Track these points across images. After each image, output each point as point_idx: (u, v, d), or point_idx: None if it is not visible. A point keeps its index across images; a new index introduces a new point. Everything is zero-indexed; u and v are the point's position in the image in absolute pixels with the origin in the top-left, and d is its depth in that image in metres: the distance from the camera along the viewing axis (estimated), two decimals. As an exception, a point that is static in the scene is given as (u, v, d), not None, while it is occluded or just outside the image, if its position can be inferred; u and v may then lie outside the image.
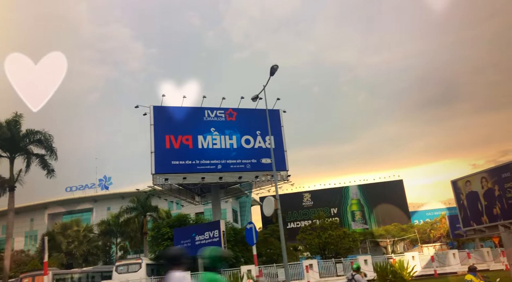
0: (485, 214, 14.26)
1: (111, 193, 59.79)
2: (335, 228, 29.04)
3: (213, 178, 29.22)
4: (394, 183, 65.19)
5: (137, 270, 23.67)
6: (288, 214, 65.51)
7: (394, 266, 14.36)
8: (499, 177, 13.63)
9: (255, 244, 14.58)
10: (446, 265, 23.61)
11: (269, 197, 16.24)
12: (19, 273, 25.53)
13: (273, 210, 15.83)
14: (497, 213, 13.76)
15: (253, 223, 15.16)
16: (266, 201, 16.52)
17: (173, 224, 26.69)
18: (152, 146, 28.36)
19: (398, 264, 14.26)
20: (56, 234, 30.78)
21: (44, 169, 25.76)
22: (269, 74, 17.01)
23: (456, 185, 15.51)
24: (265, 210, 16.48)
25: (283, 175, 31.42)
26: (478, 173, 14.57)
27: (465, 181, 15.12)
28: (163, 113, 29.74)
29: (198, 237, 23.25)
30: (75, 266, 29.33)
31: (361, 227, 63.49)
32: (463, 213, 15.32)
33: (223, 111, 31.35)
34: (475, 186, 14.68)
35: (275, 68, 16.63)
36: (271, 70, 16.73)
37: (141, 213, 37.17)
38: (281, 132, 32.45)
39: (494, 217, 13.92)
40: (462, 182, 15.28)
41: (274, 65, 16.57)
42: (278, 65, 16.57)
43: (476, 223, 14.75)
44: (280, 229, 15.74)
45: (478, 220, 14.63)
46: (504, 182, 13.45)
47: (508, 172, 13.34)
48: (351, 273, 11.45)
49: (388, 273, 14.31)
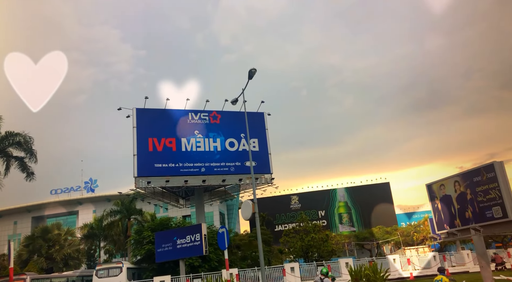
0: (458, 218, 14.44)
1: (97, 195, 59.23)
2: (318, 231, 29.11)
3: (196, 181, 29.10)
4: (381, 185, 65.64)
5: (117, 274, 23.39)
6: (276, 216, 65.58)
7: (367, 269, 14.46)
8: (471, 181, 13.82)
9: (226, 248, 14.50)
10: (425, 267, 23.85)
11: (247, 201, 16.21)
12: (-3, 278, 25.07)
13: (251, 213, 15.79)
14: (469, 217, 13.95)
15: (225, 227, 15.10)
16: (244, 205, 16.49)
17: (156, 228, 26.46)
18: (135, 148, 28.15)
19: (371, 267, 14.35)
20: (36, 238, 30.33)
21: (24, 172, 25.35)
22: (248, 78, 17.04)
23: (430, 189, 15.69)
24: (243, 214, 16.44)
25: (267, 178, 31.43)
26: (452, 177, 14.75)
27: (439, 185, 15.30)
28: (146, 115, 29.52)
29: (179, 240, 23.07)
30: (55, 271, 28.89)
31: (348, 229, 63.81)
32: (437, 216, 15.49)
33: (207, 113, 31.28)
34: (448, 189, 14.86)
35: (253, 71, 16.66)
36: (249, 73, 16.76)
37: (125, 216, 36.83)
38: (266, 134, 32.48)
39: (466, 221, 14.10)
40: (437, 186, 15.45)
41: (252, 68, 16.60)
42: (256, 69, 16.61)
43: (449, 227, 14.93)
44: (257, 232, 15.72)
45: (452, 223, 14.81)
46: (475, 186, 13.65)
47: (479, 176, 13.54)
48: (319, 277, 11.51)
49: (362, 276, 14.41)
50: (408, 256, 25.64)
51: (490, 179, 13.07)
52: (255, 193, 16.84)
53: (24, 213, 59.10)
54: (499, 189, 12.69)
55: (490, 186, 13.09)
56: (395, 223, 59.32)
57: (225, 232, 13.90)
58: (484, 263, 13.46)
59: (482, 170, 13.43)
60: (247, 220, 16.24)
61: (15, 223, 59.23)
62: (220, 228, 14.68)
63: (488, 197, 13.14)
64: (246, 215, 16.20)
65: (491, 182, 13.04)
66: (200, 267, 25.57)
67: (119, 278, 23.22)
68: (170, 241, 23.49)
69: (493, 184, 12.93)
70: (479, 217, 13.52)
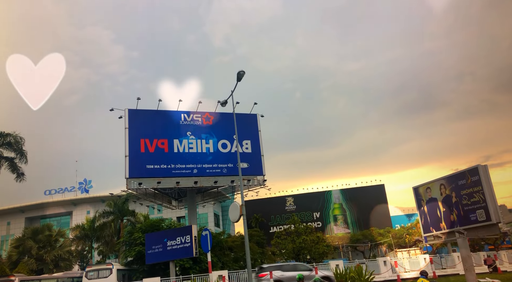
0: (443, 221, 14.49)
1: (91, 196, 59.04)
2: (309, 233, 29.11)
3: (188, 183, 29.06)
4: (375, 187, 65.76)
5: (107, 275, 23.25)
6: (271, 218, 65.62)
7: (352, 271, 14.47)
8: (456, 184, 13.88)
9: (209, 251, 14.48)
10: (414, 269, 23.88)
11: (234, 203, 16.23)
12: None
13: (238, 215, 15.81)
14: (454, 220, 14.00)
15: (209, 229, 15.10)
16: (232, 207, 16.50)
17: (147, 229, 26.36)
18: (127, 149, 28.09)
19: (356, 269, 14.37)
20: (27, 239, 30.16)
21: (14, 172, 25.24)
22: (236, 80, 17.05)
23: (417, 192, 15.74)
24: (231, 216, 16.45)
25: (260, 180, 31.42)
26: (438, 180, 14.81)
27: (426, 188, 15.36)
28: (138, 116, 29.46)
29: (169, 242, 22.92)
30: (45, 272, 28.73)
31: (343, 231, 63.91)
32: (424, 219, 15.54)
33: (200, 115, 31.25)
34: (434, 192, 14.92)
35: (242, 73, 16.69)
36: (237, 75, 16.78)
37: (118, 218, 36.72)
38: (258, 136, 32.48)
39: (451, 224, 14.15)
40: (423, 189, 15.51)
41: (240, 71, 16.63)
42: (244, 71, 16.64)
43: (435, 229, 14.98)
44: (244, 234, 15.72)
45: (437, 226, 14.86)
46: (460, 189, 13.71)
47: (464, 180, 13.59)
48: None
49: (347, 278, 14.43)
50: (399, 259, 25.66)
51: (475, 183, 13.14)
52: (242, 195, 16.84)
53: (18, 213, 58.83)
54: (483, 193, 12.75)
55: (474, 189, 13.16)
56: (389, 225, 59.43)
57: (208, 234, 13.88)
58: (469, 266, 13.50)
59: (466, 173, 13.49)
60: (234, 222, 16.24)
61: (8, 224, 58.94)
62: (203, 231, 14.67)
63: (472, 200, 13.20)
64: (234, 217, 16.23)
65: (475, 185, 13.11)
66: (191, 268, 25.47)
67: (109, 279, 23.09)
68: (160, 242, 23.37)
69: (477, 188, 12.99)
70: (463, 220, 13.58)
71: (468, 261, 13.49)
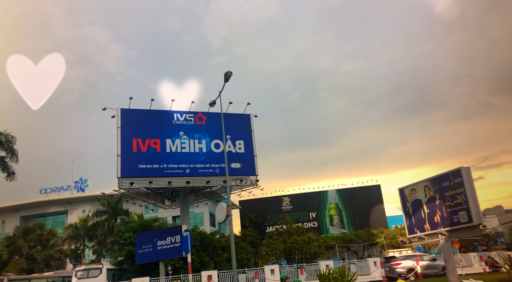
0: (427, 222, 14.53)
1: (86, 195, 59.02)
2: (300, 233, 29.12)
3: (180, 182, 29.03)
4: (372, 188, 65.81)
5: (97, 275, 23.29)
6: (267, 218, 65.63)
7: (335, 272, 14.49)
8: (440, 186, 13.92)
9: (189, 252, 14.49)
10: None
11: (221, 203, 16.23)
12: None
13: (225, 216, 15.82)
14: (437, 221, 14.04)
15: (189, 230, 15.10)
16: (218, 207, 16.50)
17: (138, 229, 26.39)
18: (119, 149, 28.07)
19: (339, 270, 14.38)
20: (17, 238, 30.13)
21: (4, 171, 25.22)
22: (224, 81, 17.06)
23: (402, 193, 15.77)
24: (217, 216, 16.46)
25: (252, 180, 31.39)
26: (422, 182, 14.84)
27: (411, 189, 15.39)
28: (131, 116, 29.44)
29: (159, 242, 23.01)
30: (36, 271, 28.74)
31: (339, 231, 63.95)
32: (409, 220, 15.57)
33: (193, 114, 31.23)
34: (419, 194, 14.95)
35: (229, 74, 16.69)
36: (225, 76, 16.79)
37: (112, 217, 36.74)
38: (252, 136, 32.46)
39: (435, 225, 14.19)
40: (408, 190, 15.54)
41: (227, 71, 16.64)
42: (231, 72, 16.65)
43: (419, 231, 15.01)
44: (230, 235, 15.73)
45: (422, 227, 14.90)
46: (444, 190, 13.75)
47: (447, 181, 13.63)
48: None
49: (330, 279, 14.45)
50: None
51: (457, 184, 13.18)
52: (229, 195, 16.85)
53: (13, 212, 58.81)
54: (465, 194, 12.79)
55: (457, 191, 13.20)
56: (385, 225, 59.48)
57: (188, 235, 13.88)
58: (451, 267, 13.53)
59: (450, 175, 13.53)
60: (221, 223, 16.25)
61: (3, 223, 58.90)
62: (184, 231, 14.67)
63: (455, 202, 13.24)
64: (220, 218, 16.24)
65: (458, 187, 13.15)
66: (182, 268, 25.51)
67: (98, 279, 23.13)
68: (150, 242, 23.44)
69: (460, 189, 13.04)
70: (446, 221, 13.62)
71: (450, 262, 13.52)
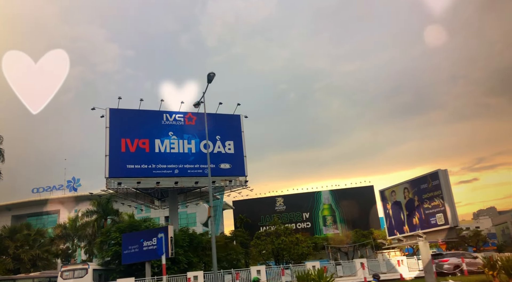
0: (407, 224, 14.59)
1: (79, 195, 58.71)
2: (288, 234, 29.17)
3: (169, 183, 29.03)
4: (365, 189, 65.96)
5: (83, 275, 23.19)
6: (260, 218, 65.62)
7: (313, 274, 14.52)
8: (419, 188, 13.99)
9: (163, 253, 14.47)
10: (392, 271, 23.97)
11: (203, 205, 16.24)
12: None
13: (206, 217, 15.83)
14: (416, 223, 14.11)
15: (164, 232, 15.08)
16: (200, 209, 16.52)
17: (125, 229, 26.31)
18: (107, 149, 28.05)
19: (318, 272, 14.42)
20: (4, 238, 30.01)
21: (-11, 171, 25.12)
22: (207, 82, 17.06)
23: (383, 195, 15.83)
24: (199, 218, 16.46)
25: (242, 181, 31.44)
26: (401, 184, 14.91)
27: (391, 191, 15.45)
28: (120, 115, 29.42)
29: (145, 242, 22.88)
30: (22, 272, 28.62)
31: (332, 232, 64.06)
32: (389, 222, 15.63)
33: (183, 115, 31.22)
34: (399, 196, 15.02)
35: (212, 75, 16.69)
36: (208, 77, 16.80)
37: (102, 217, 36.60)
38: (241, 137, 32.51)
39: (413, 227, 14.26)
40: (388, 192, 15.60)
41: (210, 72, 16.64)
42: (214, 73, 16.65)
43: (399, 232, 15.08)
44: (211, 236, 15.74)
45: (401, 229, 14.96)
46: (422, 193, 13.82)
47: (425, 184, 13.70)
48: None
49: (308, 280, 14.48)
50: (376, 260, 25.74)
51: (435, 187, 13.26)
52: (211, 197, 16.84)
53: (4, 211, 58.49)
54: (442, 197, 12.86)
55: (435, 193, 13.28)
56: (378, 226, 59.60)
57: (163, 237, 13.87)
58: (428, 269, 13.59)
59: (428, 177, 13.60)
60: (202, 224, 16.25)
61: (-6, 222, 58.60)
62: (159, 233, 14.66)
63: (433, 204, 13.31)
64: (202, 219, 16.26)
65: (435, 189, 13.23)
66: (169, 269, 25.42)
67: (84, 279, 23.03)
68: (136, 243, 23.34)
69: (437, 192, 13.11)
70: (424, 223, 13.69)
71: (428, 264, 13.58)
